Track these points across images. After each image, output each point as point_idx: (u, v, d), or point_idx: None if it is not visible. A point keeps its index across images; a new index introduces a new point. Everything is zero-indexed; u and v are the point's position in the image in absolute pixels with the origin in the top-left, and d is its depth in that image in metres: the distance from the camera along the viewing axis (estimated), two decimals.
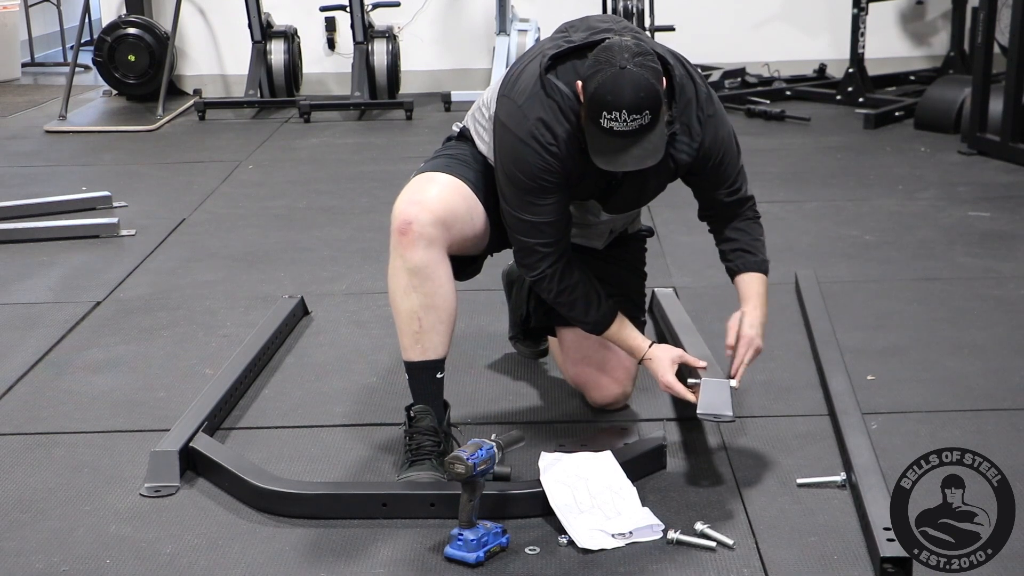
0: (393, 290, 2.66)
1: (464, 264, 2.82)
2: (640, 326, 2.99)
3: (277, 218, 5.03)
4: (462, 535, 2.35)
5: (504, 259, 3.19)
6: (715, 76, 7.48)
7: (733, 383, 2.68)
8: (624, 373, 2.97)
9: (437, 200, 2.64)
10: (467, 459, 2.33)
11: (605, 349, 2.95)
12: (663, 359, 2.74)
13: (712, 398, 2.64)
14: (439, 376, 2.69)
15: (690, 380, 2.73)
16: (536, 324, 3.14)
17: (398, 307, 2.66)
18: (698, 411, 2.63)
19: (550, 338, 3.17)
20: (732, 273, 2.85)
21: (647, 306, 3.57)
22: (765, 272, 2.83)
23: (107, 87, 7.95)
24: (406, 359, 2.68)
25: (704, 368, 2.74)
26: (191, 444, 2.76)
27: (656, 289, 3.67)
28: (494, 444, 2.42)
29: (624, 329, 2.79)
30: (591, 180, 2.68)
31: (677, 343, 3.15)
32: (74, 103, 7.52)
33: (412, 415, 2.70)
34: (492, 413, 3.06)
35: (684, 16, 7.67)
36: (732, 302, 3.80)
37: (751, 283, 2.81)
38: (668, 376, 2.71)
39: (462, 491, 2.37)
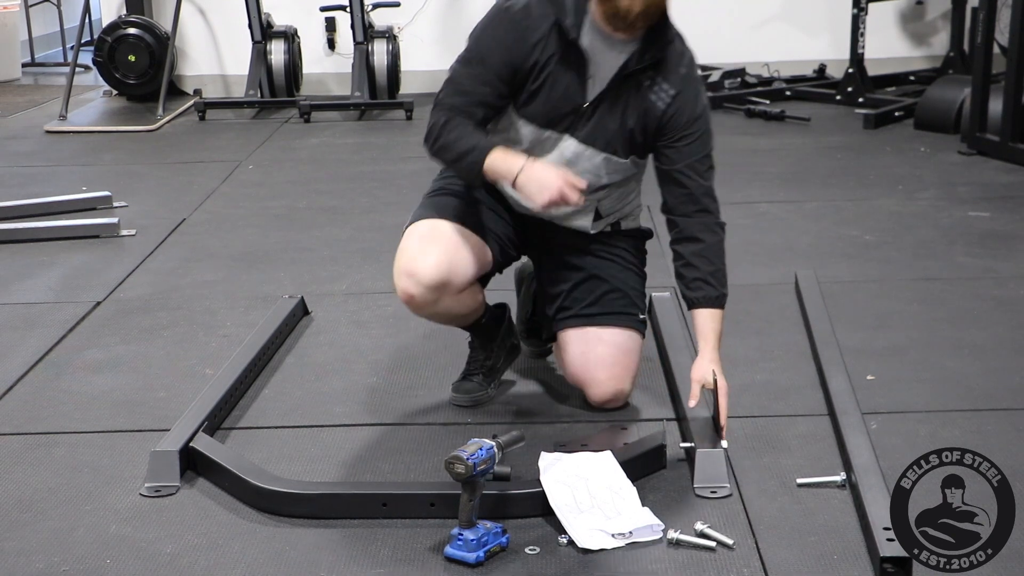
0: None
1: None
2: (640, 325, 3.03)
3: (277, 218, 5.03)
4: (462, 535, 2.35)
5: None
6: (715, 76, 7.48)
7: (724, 444, 2.69)
8: (622, 370, 2.97)
9: (433, 266, 2.81)
10: (467, 459, 2.34)
11: (603, 345, 2.96)
12: (546, 168, 2.72)
13: (709, 471, 2.64)
14: (484, 321, 3.05)
15: (682, 445, 2.74)
16: (547, 336, 3.19)
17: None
18: (695, 486, 2.63)
19: (553, 346, 3.18)
20: (690, 303, 2.85)
21: (648, 307, 3.59)
22: (723, 307, 2.83)
23: (107, 87, 7.95)
24: None
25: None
26: (191, 444, 2.76)
27: (654, 293, 3.66)
28: (494, 444, 2.42)
29: (507, 153, 2.76)
30: (561, 90, 2.76)
31: (667, 361, 3.21)
32: (74, 103, 7.52)
33: (469, 340, 3.09)
34: (492, 413, 3.06)
35: (684, 16, 7.58)
36: (731, 302, 3.79)
37: (710, 321, 2.81)
38: (558, 181, 2.69)
39: (462, 491, 2.37)
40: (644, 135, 2.82)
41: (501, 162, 2.75)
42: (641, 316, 3.05)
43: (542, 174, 2.72)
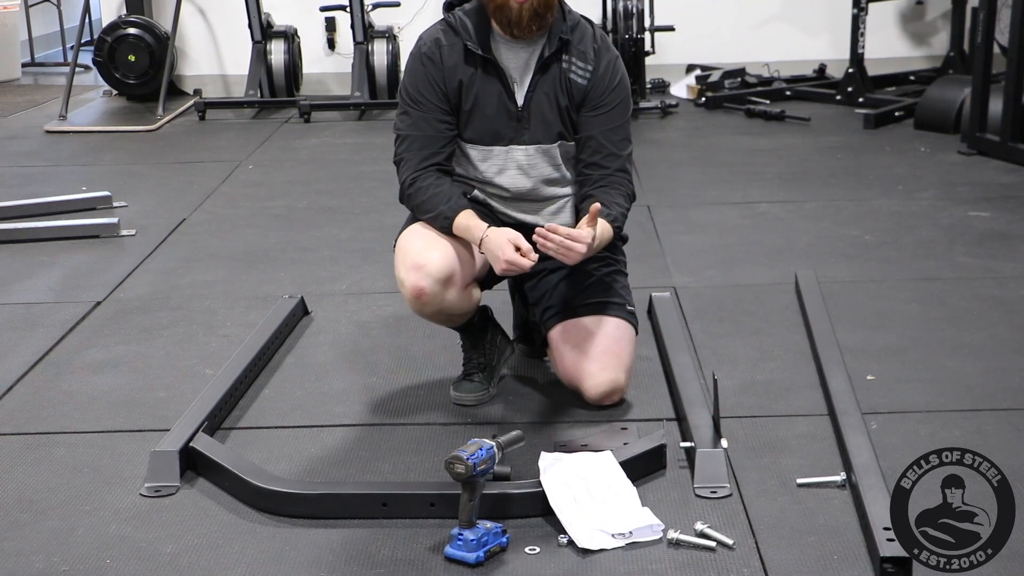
0: (420, 317, 3.02)
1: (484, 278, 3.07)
2: (629, 315, 3.06)
3: (277, 218, 5.03)
4: (462, 535, 2.35)
5: None
6: (715, 76, 7.48)
7: (724, 444, 2.69)
8: (614, 359, 2.97)
9: (440, 259, 2.88)
10: (467, 459, 2.34)
11: (592, 336, 2.97)
12: (499, 239, 2.82)
13: (709, 471, 2.64)
14: (476, 320, 3.10)
15: (682, 445, 2.74)
16: (540, 344, 3.18)
17: (429, 321, 3.05)
18: (695, 486, 2.63)
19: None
20: (582, 211, 2.95)
21: (647, 308, 3.59)
22: (613, 224, 2.92)
23: (107, 87, 7.95)
24: None
25: (539, 233, 2.78)
26: (191, 444, 2.77)
27: (654, 294, 3.67)
28: (494, 444, 2.42)
29: (470, 220, 2.90)
30: (493, 103, 2.93)
31: (666, 361, 3.22)
32: (74, 103, 7.52)
33: (460, 342, 3.14)
34: (492, 413, 3.06)
35: (684, 16, 7.67)
36: (732, 302, 3.82)
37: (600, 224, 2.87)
38: (507, 252, 2.79)
39: (462, 491, 2.37)
40: (575, 109, 2.98)
41: (464, 231, 2.90)
42: (629, 307, 3.07)
43: (495, 245, 2.83)
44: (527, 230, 3.00)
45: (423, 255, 2.88)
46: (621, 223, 2.97)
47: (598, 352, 2.97)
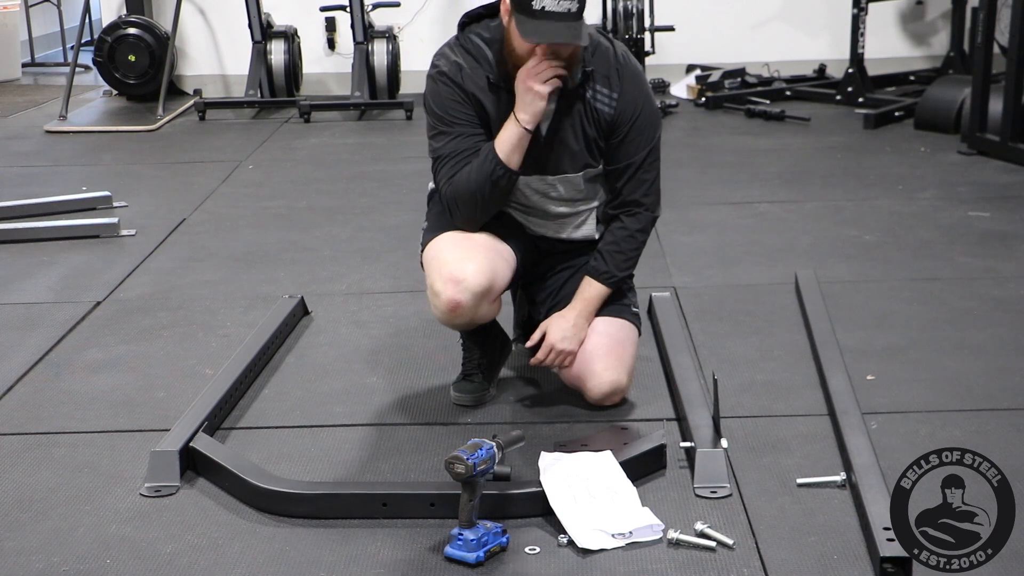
0: (442, 323, 2.96)
1: None
2: (633, 316, 3.06)
3: (277, 218, 5.03)
4: (462, 535, 2.35)
5: None
6: (715, 76, 7.48)
7: (724, 444, 2.69)
8: (617, 360, 2.97)
9: (477, 274, 2.84)
10: (467, 459, 2.34)
11: (596, 335, 2.97)
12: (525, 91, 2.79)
13: (709, 471, 2.64)
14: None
15: (682, 445, 2.74)
16: (531, 318, 3.17)
17: (446, 326, 2.99)
18: (695, 486, 2.63)
19: None
20: (586, 269, 3.03)
21: (647, 308, 3.59)
22: (604, 282, 2.98)
23: (107, 87, 7.95)
24: None
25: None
26: (191, 444, 2.76)
27: (654, 294, 3.67)
28: (494, 444, 2.42)
29: (500, 138, 2.85)
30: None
31: (666, 361, 3.23)
32: (74, 103, 7.52)
33: (462, 340, 3.10)
34: (492, 413, 3.06)
35: (684, 16, 7.67)
36: (732, 302, 3.82)
37: (587, 287, 2.99)
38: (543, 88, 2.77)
39: (462, 491, 2.37)
40: (603, 139, 2.93)
41: (504, 137, 2.83)
42: (634, 308, 3.08)
43: (521, 97, 2.79)
44: (547, 243, 3.09)
45: (461, 268, 2.84)
46: (615, 275, 2.98)
47: (602, 353, 2.97)
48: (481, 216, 2.92)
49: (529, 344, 3.00)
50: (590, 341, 2.98)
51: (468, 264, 2.84)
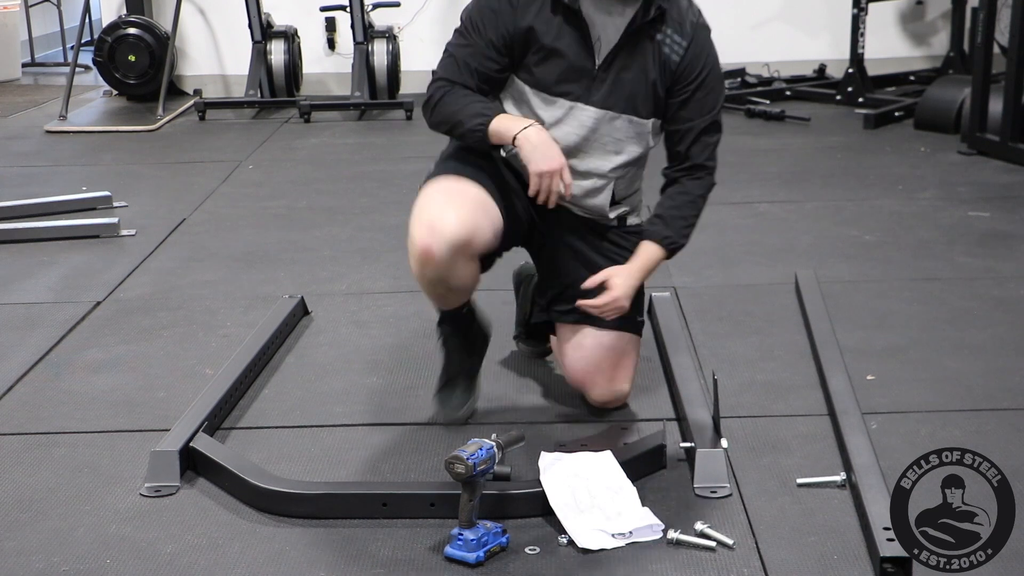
0: (416, 280, 2.82)
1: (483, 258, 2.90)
2: (638, 326, 3.00)
3: (277, 218, 5.03)
4: (462, 535, 2.35)
5: (516, 259, 3.19)
6: None
7: (724, 444, 2.69)
8: (621, 372, 2.96)
9: (456, 223, 2.69)
10: (467, 459, 2.34)
11: (602, 350, 2.94)
12: (547, 142, 2.72)
13: (709, 471, 2.64)
14: (465, 311, 2.93)
15: (682, 445, 2.74)
16: (535, 320, 3.15)
17: (422, 287, 2.86)
18: (695, 486, 2.63)
19: (551, 338, 3.17)
20: (642, 233, 2.91)
21: (648, 308, 3.59)
22: (665, 247, 2.85)
23: (107, 87, 7.95)
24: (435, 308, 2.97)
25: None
26: (191, 444, 2.76)
27: (653, 293, 3.66)
28: (494, 444, 2.42)
29: (510, 120, 2.75)
30: (568, 55, 2.74)
31: (667, 361, 3.21)
32: (74, 103, 7.52)
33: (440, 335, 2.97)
34: (492, 413, 3.06)
35: None
36: (732, 302, 3.82)
37: (643, 250, 2.86)
38: (556, 161, 2.71)
39: (462, 491, 2.37)
40: (664, 89, 2.80)
41: (507, 122, 2.73)
42: (640, 318, 3.01)
43: (547, 143, 2.71)
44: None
45: (440, 215, 2.69)
46: (676, 240, 2.86)
47: (606, 366, 2.95)
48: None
49: (588, 284, 2.79)
50: (594, 355, 2.94)
51: (449, 213, 2.69)
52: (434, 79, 2.83)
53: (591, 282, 2.81)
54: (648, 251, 2.85)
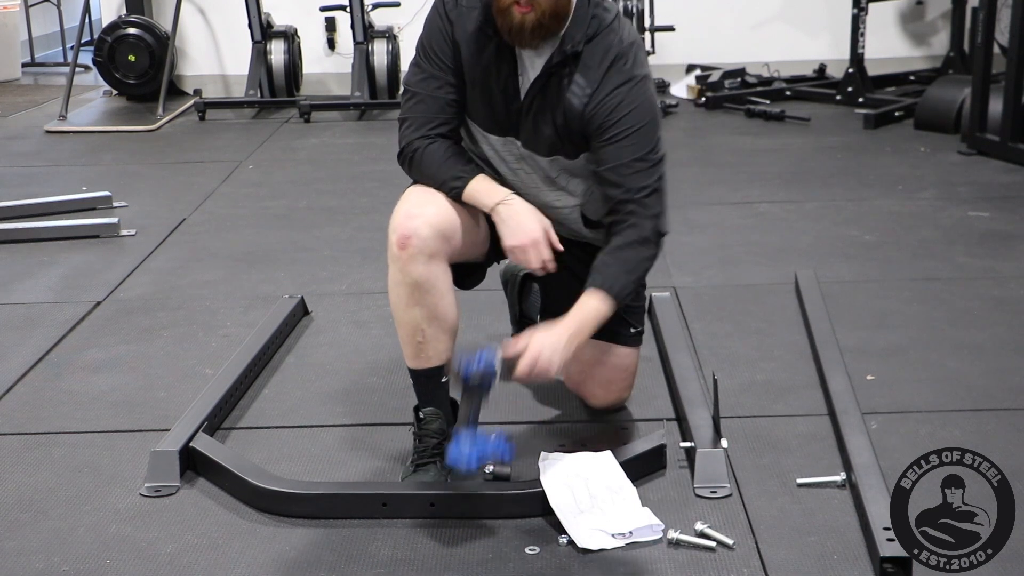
0: (395, 302, 2.64)
1: (467, 272, 2.85)
2: (638, 339, 2.95)
3: (277, 218, 5.03)
4: (457, 440, 2.41)
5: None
6: (715, 76, 7.48)
7: (724, 444, 2.68)
8: (621, 384, 2.96)
9: (436, 212, 2.61)
10: (459, 367, 2.42)
11: (602, 367, 2.92)
12: (529, 212, 2.65)
13: (709, 471, 2.64)
14: (444, 380, 2.69)
15: (682, 445, 2.74)
16: (524, 315, 3.15)
17: (400, 319, 2.64)
18: (695, 486, 2.62)
19: None
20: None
21: (648, 308, 3.58)
22: (606, 297, 2.60)
23: (107, 87, 7.95)
24: (410, 367, 2.69)
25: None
26: (191, 444, 2.76)
27: (654, 294, 3.66)
28: (495, 352, 2.44)
29: (488, 183, 2.67)
30: (498, 86, 2.65)
31: (666, 361, 3.20)
32: (74, 103, 7.52)
33: (421, 416, 2.69)
34: (492, 413, 3.05)
35: (684, 16, 7.67)
36: (732, 302, 3.82)
37: (580, 304, 2.60)
38: (537, 234, 2.63)
39: (460, 397, 2.45)
40: (578, 134, 2.66)
41: (484, 190, 2.65)
42: (636, 329, 2.95)
43: (525, 216, 2.64)
44: None
45: (420, 206, 2.61)
46: (619, 287, 2.62)
47: (606, 380, 2.94)
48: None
49: (508, 354, 2.49)
50: (594, 370, 2.92)
51: (429, 206, 2.61)
52: (403, 122, 2.72)
53: (510, 351, 2.49)
54: (585, 304, 2.60)
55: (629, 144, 2.61)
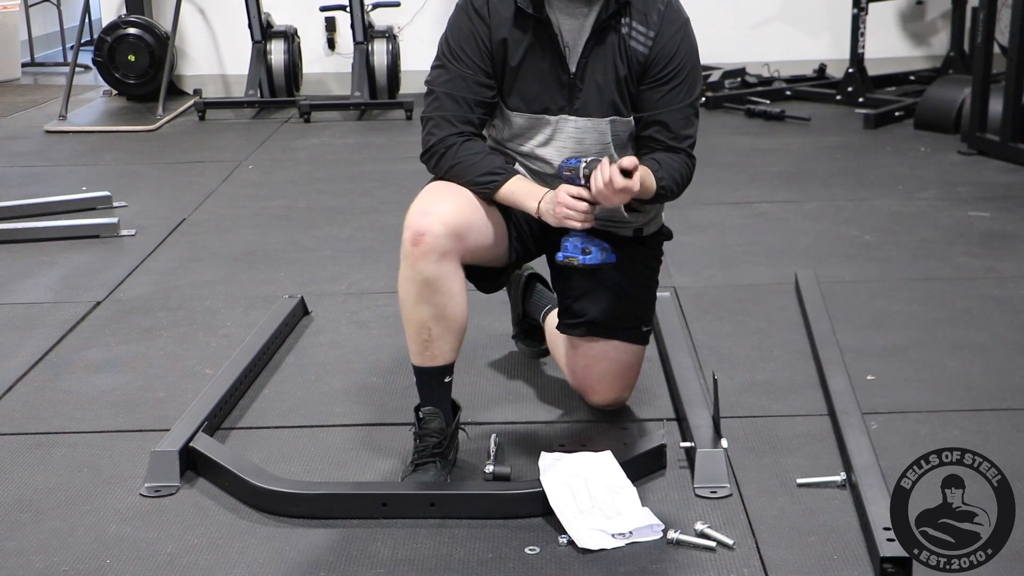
0: (403, 298, 2.63)
1: (489, 276, 2.84)
2: (645, 337, 2.95)
3: (277, 218, 5.03)
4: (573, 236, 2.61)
5: None
6: (715, 76, 7.48)
7: (724, 444, 2.68)
8: (624, 381, 2.95)
9: (451, 211, 2.59)
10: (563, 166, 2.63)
11: (607, 362, 2.91)
12: (552, 201, 2.62)
13: (709, 471, 2.64)
14: (447, 380, 2.69)
15: (682, 445, 2.74)
16: (526, 315, 3.15)
17: (408, 316, 2.64)
18: (695, 486, 2.62)
19: (548, 338, 3.16)
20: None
21: None
22: (661, 187, 2.63)
23: (107, 87, 7.95)
24: (414, 363, 2.69)
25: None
26: (191, 444, 2.76)
27: None
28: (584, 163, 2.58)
29: (526, 183, 2.68)
30: (543, 68, 2.67)
31: (667, 361, 3.21)
32: (74, 103, 7.52)
33: (421, 416, 2.69)
34: (493, 413, 3.05)
35: None
36: (732, 302, 3.82)
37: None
38: (561, 203, 2.58)
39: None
40: (636, 81, 2.70)
41: (524, 190, 2.65)
42: (647, 328, 2.96)
43: (553, 196, 2.61)
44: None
45: (435, 203, 2.60)
46: (667, 182, 2.65)
47: (610, 376, 2.93)
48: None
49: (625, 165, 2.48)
50: (599, 365, 2.91)
51: (444, 204, 2.60)
52: (428, 121, 2.72)
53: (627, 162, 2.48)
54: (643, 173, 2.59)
55: (684, 88, 2.70)
